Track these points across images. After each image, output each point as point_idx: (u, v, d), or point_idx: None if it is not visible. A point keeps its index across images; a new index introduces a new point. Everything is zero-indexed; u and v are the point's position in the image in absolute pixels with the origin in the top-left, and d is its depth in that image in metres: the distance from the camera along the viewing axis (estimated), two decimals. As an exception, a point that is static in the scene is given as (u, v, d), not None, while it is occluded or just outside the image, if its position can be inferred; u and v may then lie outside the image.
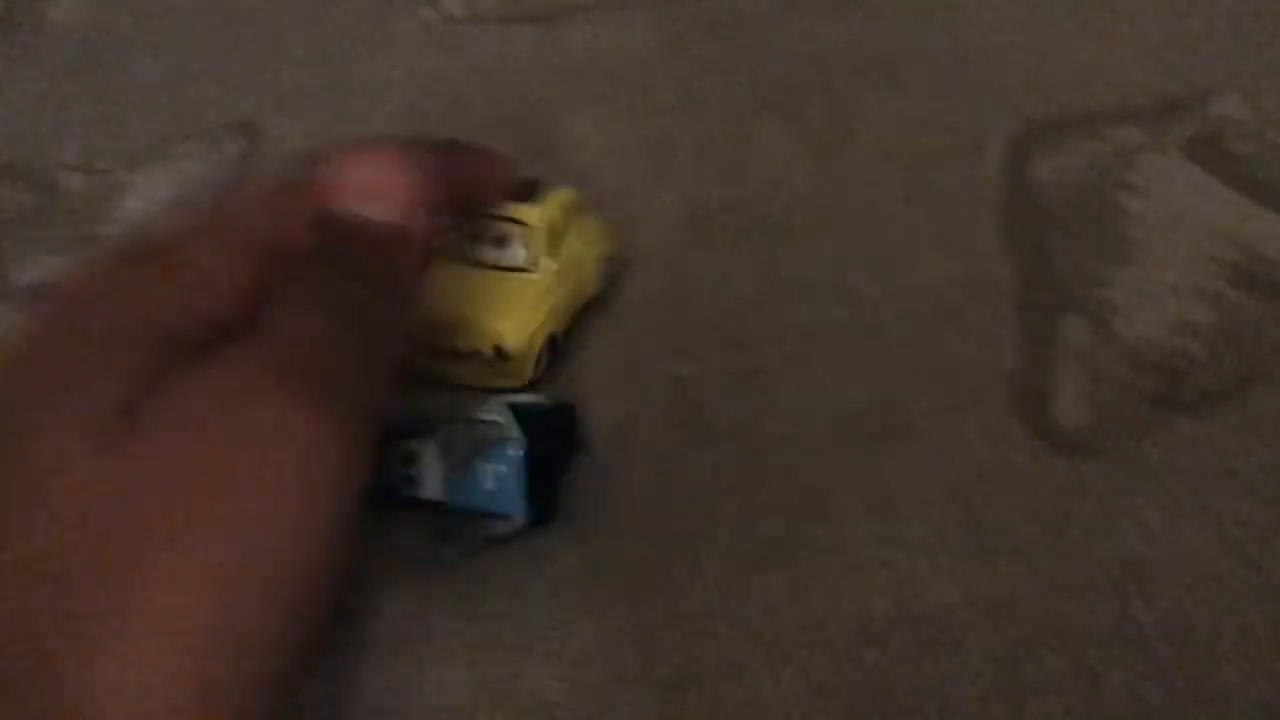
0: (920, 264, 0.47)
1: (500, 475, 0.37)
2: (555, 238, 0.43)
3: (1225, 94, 0.54)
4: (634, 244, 0.49)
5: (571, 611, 0.37)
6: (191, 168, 0.57)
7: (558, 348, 0.44)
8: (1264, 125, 0.52)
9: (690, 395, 0.43)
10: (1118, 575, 0.36)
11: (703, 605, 0.37)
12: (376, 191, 0.30)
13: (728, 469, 0.40)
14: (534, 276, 0.43)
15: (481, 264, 0.43)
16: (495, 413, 0.38)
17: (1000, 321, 0.44)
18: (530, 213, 0.42)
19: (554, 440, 0.39)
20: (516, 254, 0.43)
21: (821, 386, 0.43)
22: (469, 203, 0.38)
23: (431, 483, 0.37)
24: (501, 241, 0.43)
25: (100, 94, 0.64)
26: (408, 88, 0.61)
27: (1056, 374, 0.42)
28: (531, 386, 0.42)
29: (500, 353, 0.41)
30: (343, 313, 0.28)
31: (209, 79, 0.63)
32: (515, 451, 0.37)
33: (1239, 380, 0.41)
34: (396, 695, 0.35)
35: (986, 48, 0.58)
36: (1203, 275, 0.45)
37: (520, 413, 0.38)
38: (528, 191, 0.43)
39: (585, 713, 0.34)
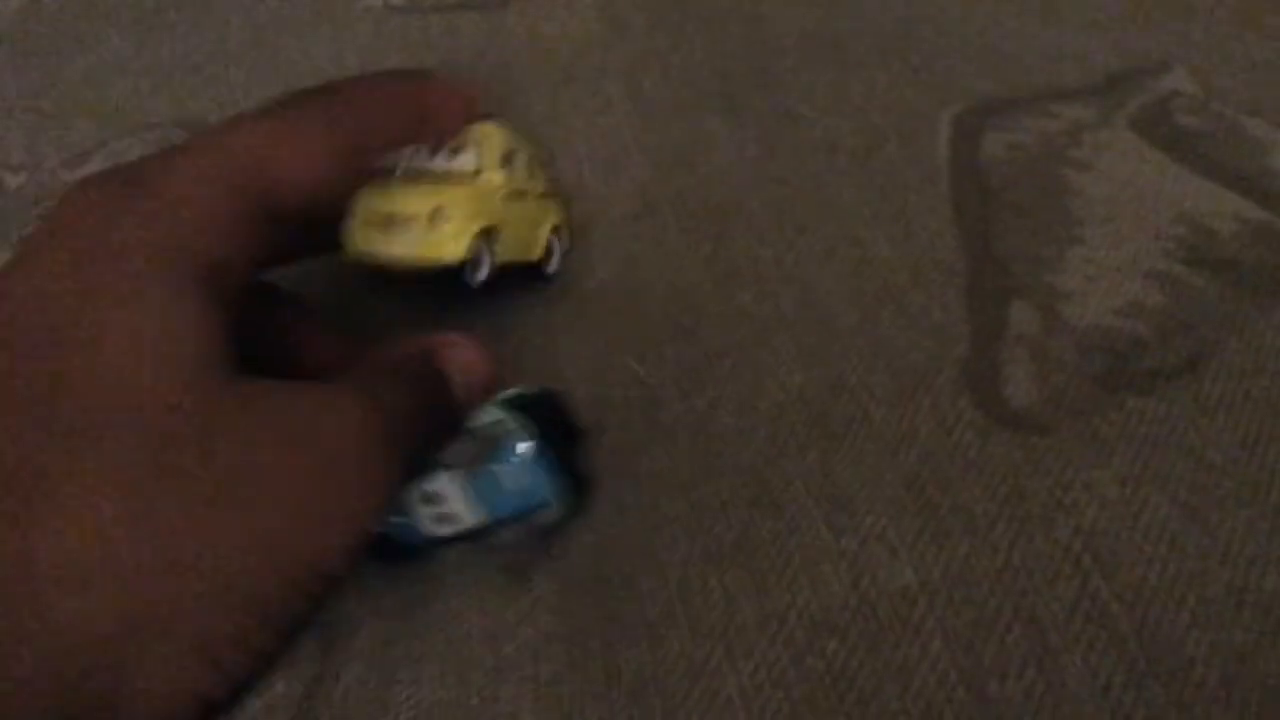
0: (869, 248, 0.47)
1: (518, 471, 0.36)
2: (509, 162, 0.42)
3: (1172, 68, 0.54)
4: (586, 233, 0.48)
5: (546, 635, 0.37)
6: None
7: (493, 258, 0.41)
8: (1211, 99, 0.52)
9: (644, 390, 0.42)
10: (1077, 550, 0.35)
11: (666, 610, 0.36)
12: (470, 371, 0.36)
13: (682, 465, 0.40)
14: (483, 177, 0.41)
15: (429, 172, 0.41)
16: (488, 414, 0.36)
17: (949, 309, 0.44)
18: (488, 127, 0.41)
19: (555, 420, 0.38)
20: (466, 161, 0.41)
21: (773, 376, 0.42)
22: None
23: (465, 512, 0.36)
24: (455, 152, 0.41)
25: (39, 92, 0.62)
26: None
27: (1005, 359, 0.42)
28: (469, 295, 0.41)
29: (438, 214, 0.38)
30: (419, 392, 0.34)
31: (148, 74, 0.62)
32: (524, 442, 0.36)
33: (1187, 361, 0.41)
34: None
35: (935, 27, 0.58)
36: (1151, 254, 0.45)
37: (514, 403, 0.37)
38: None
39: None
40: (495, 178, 0.41)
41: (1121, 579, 0.34)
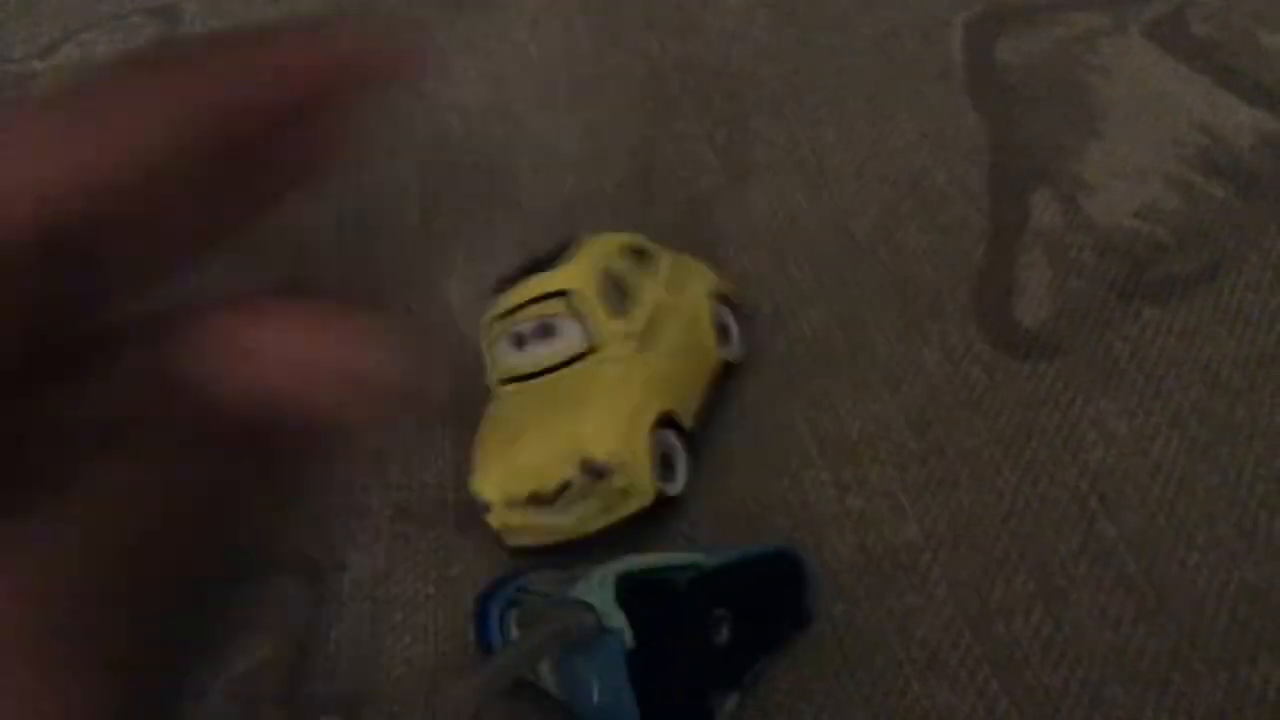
0: (889, 126, 0.45)
1: (600, 682, 0.28)
2: (619, 292, 0.34)
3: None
4: (592, 112, 0.46)
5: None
6: (104, 54, 0.55)
7: (688, 434, 0.35)
8: (1226, 8, 0.49)
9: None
10: (1084, 491, 0.35)
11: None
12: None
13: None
14: (605, 353, 0.33)
15: (536, 372, 0.34)
16: (594, 588, 0.28)
17: (970, 196, 0.42)
18: (564, 275, 0.33)
19: (693, 620, 0.29)
20: (572, 335, 0.33)
21: (786, 306, 0.41)
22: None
23: (546, 676, 0.30)
24: (546, 331, 0.33)
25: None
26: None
27: (1022, 263, 0.41)
28: (672, 505, 0.34)
29: (592, 469, 0.31)
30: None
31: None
32: (611, 649, 0.27)
33: (1206, 268, 0.40)
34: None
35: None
36: (1170, 159, 0.43)
37: (638, 582, 0.28)
38: (546, 257, 0.34)
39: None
40: (614, 345, 0.33)
41: (1129, 521, 0.34)
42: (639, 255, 0.36)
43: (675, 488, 0.33)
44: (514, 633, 0.30)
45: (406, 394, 0.16)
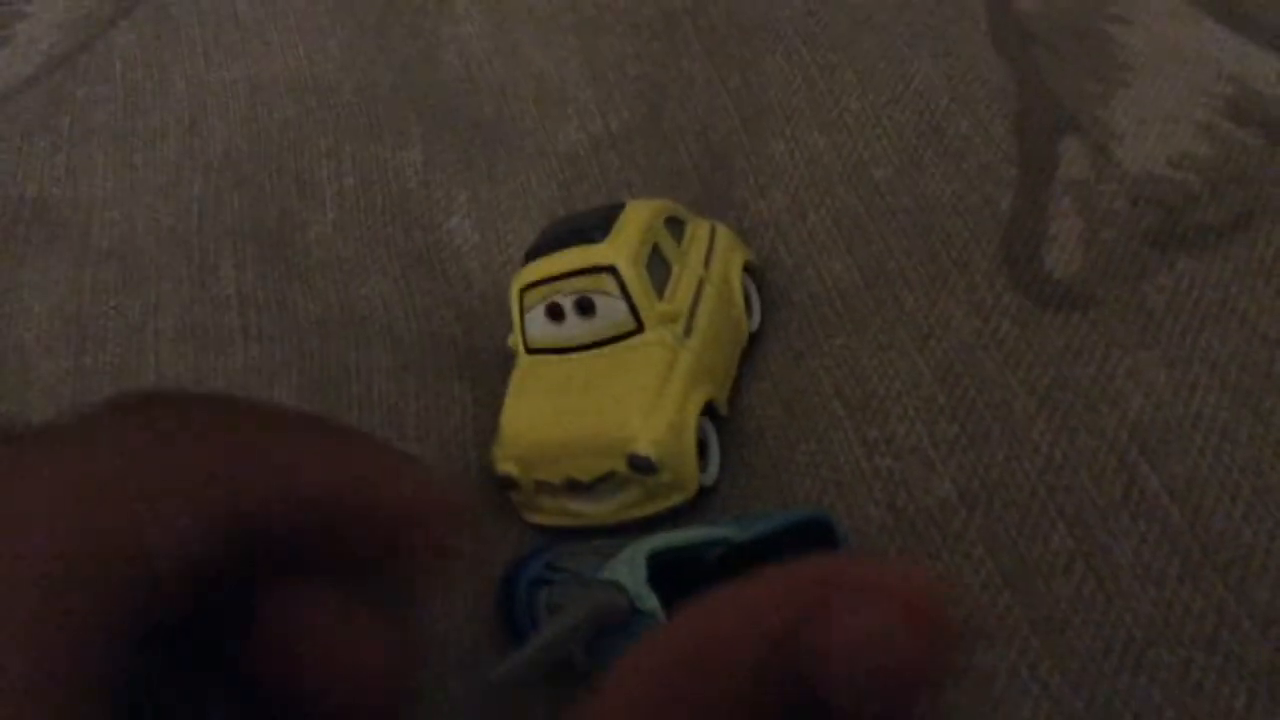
0: (910, 69, 0.43)
1: None
2: (664, 268, 0.33)
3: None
4: (598, 53, 0.44)
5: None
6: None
7: (721, 418, 0.34)
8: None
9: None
10: (1124, 441, 0.34)
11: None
12: None
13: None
14: (649, 336, 0.32)
15: (570, 347, 0.32)
16: (625, 568, 0.27)
17: (996, 143, 0.41)
18: (607, 250, 0.32)
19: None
20: (614, 313, 0.32)
21: (806, 256, 0.40)
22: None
23: (578, 658, 0.28)
24: (586, 306, 0.32)
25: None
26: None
27: (1052, 212, 0.39)
28: (705, 495, 0.33)
29: (639, 464, 0.30)
30: None
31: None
32: (645, 631, 0.27)
33: (1239, 216, 0.38)
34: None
35: None
36: (1198, 107, 0.42)
37: (669, 560, 0.27)
38: (587, 225, 0.33)
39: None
40: (659, 328, 0.31)
41: (1171, 470, 0.33)
42: (676, 225, 0.35)
43: (709, 477, 0.32)
44: (543, 612, 0.29)
45: None
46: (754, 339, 0.38)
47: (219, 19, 0.58)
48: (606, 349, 0.32)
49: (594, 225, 0.33)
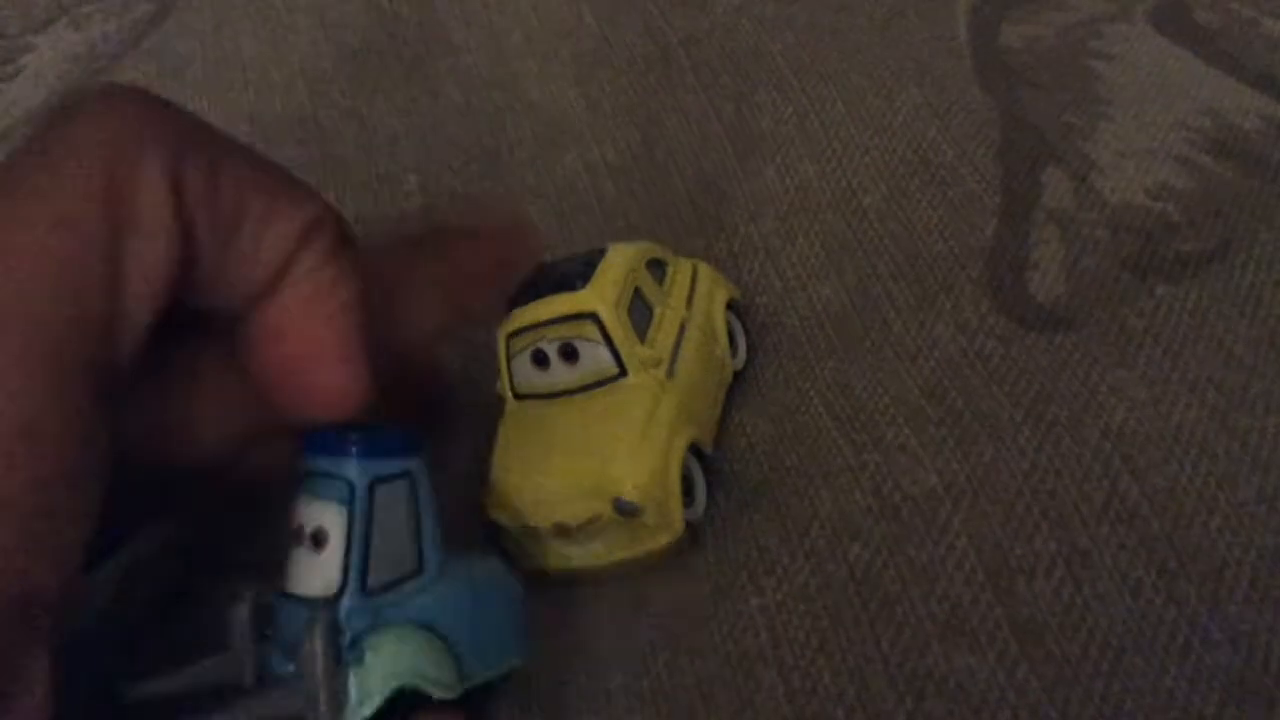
0: (897, 99, 0.45)
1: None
2: (646, 311, 0.33)
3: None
4: (595, 85, 0.45)
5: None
6: (99, 29, 0.54)
7: (706, 458, 0.34)
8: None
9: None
10: (1106, 452, 0.34)
11: (698, 550, 0.35)
12: None
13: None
14: (632, 380, 0.32)
15: (556, 392, 0.33)
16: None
17: (980, 171, 0.42)
18: (588, 296, 0.32)
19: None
20: (597, 359, 0.32)
21: (796, 280, 0.41)
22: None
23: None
24: (570, 352, 0.32)
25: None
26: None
27: (1035, 240, 0.41)
28: (691, 531, 0.33)
29: (624, 509, 0.30)
30: None
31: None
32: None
33: (1216, 246, 0.40)
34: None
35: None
36: (1178, 141, 0.43)
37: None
38: (570, 273, 0.33)
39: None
40: (641, 372, 0.32)
41: (1152, 481, 0.34)
42: (658, 266, 0.35)
43: (694, 513, 0.33)
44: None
45: None
46: (745, 363, 0.38)
47: (223, 56, 0.59)
48: (591, 393, 0.33)
49: (576, 273, 0.33)
